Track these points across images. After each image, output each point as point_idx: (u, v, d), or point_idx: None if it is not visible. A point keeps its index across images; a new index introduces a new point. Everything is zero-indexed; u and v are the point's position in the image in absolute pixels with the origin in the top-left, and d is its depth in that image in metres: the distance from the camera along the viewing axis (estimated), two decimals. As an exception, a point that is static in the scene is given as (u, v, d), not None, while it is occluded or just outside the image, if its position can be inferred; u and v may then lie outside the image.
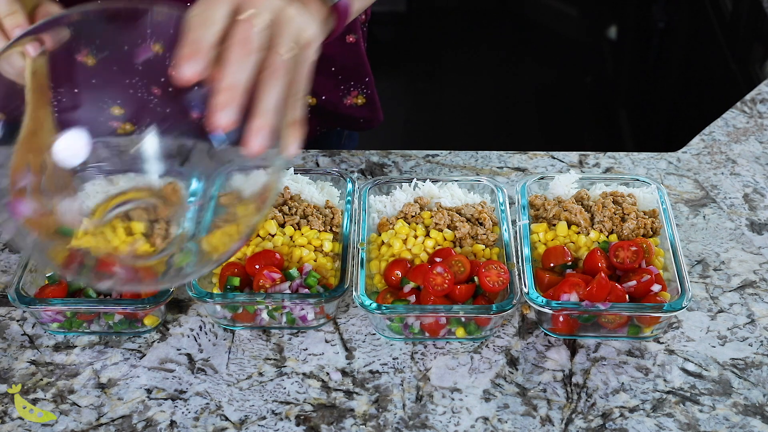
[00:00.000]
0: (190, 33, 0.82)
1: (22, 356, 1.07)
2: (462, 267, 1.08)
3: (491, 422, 0.99)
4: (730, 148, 1.39)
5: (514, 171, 1.34)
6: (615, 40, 3.52)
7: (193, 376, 1.05)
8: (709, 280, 1.16)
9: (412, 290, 1.08)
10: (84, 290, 1.08)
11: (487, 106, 3.48)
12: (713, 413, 1.00)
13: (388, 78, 1.87)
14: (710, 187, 1.31)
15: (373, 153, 1.38)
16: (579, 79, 3.62)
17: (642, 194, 1.20)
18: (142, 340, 1.09)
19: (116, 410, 1.01)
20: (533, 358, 1.06)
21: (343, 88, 1.43)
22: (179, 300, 1.13)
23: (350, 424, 0.99)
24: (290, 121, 0.86)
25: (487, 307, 1.03)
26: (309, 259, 1.12)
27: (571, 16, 3.79)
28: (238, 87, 0.82)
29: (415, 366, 1.06)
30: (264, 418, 1.00)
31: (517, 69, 3.68)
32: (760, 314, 1.11)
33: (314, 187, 1.22)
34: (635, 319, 1.06)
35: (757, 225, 1.24)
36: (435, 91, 3.58)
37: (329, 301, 1.06)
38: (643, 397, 1.01)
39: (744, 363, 1.05)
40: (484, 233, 1.15)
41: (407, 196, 1.20)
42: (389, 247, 1.13)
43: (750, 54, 2.17)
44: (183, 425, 0.99)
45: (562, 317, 1.06)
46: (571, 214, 1.16)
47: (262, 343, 1.08)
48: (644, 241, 1.10)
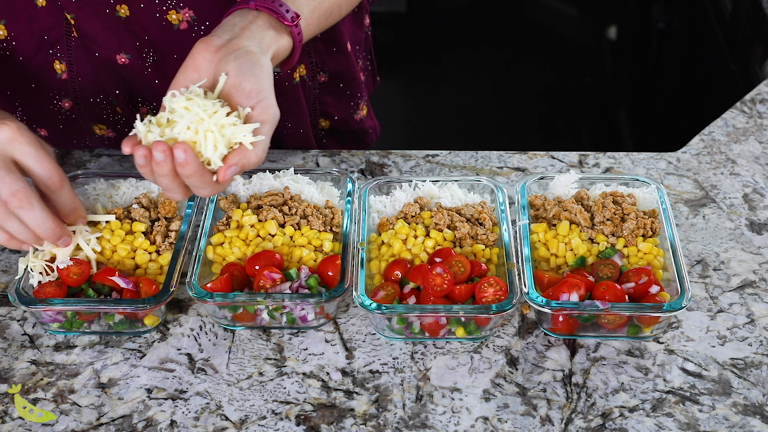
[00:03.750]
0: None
1: (22, 356, 1.07)
2: (462, 267, 1.08)
3: (491, 422, 0.99)
4: (730, 148, 1.39)
5: (514, 171, 1.35)
6: (615, 40, 3.52)
7: (193, 376, 1.05)
8: (709, 280, 1.16)
9: (412, 290, 1.08)
10: (84, 290, 1.09)
11: (487, 106, 3.48)
12: (713, 413, 1.00)
13: (388, 78, 1.87)
14: (710, 187, 1.31)
15: (373, 153, 1.38)
16: (579, 80, 3.62)
17: (642, 194, 1.20)
18: (142, 340, 1.09)
19: (116, 410, 1.01)
20: (533, 358, 1.06)
21: (352, 104, 1.44)
22: (179, 300, 1.13)
23: (350, 424, 0.99)
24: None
25: (487, 307, 1.03)
26: (309, 259, 1.12)
27: (571, 16, 3.79)
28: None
29: (415, 366, 1.06)
30: (264, 417, 1.00)
31: (517, 69, 3.68)
32: (760, 314, 1.11)
33: (314, 187, 1.22)
34: (635, 319, 1.06)
35: (756, 225, 1.24)
36: (435, 92, 3.58)
37: (329, 301, 1.06)
38: (642, 397, 1.01)
39: (744, 363, 1.05)
40: (484, 233, 1.15)
41: (407, 196, 1.21)
42: (389, 247, 1.13)
43: (750, 54, 2.17)
44: (183, 425, 0.99)
45: (562, 317, 1.06)
46: (571, 214, 1.16)
47: (263, 343, 1.08)
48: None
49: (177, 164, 0.96)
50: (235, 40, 1.02)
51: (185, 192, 1.00)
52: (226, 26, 1.05)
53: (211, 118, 0.97)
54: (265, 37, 1.04)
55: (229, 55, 1.00)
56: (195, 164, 0.96)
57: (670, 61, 2.84)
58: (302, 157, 1.37)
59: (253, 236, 1.14)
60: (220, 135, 0.97)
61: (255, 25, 1.05)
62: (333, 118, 1.44)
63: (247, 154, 0.98)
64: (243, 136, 0.97)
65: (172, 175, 0.97)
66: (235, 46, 1.01)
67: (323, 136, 1.46)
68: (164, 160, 0.95)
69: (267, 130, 0.99)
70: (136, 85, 1.27)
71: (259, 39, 1.04)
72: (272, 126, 1.00)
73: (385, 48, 2.97)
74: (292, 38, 1.08)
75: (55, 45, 1.25)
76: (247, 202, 1.20)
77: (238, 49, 1.01)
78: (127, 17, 1.21)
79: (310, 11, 1.12)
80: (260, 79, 1.00)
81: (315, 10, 1.13)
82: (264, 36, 1.04)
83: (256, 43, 1.03)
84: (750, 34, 2.19)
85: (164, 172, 0.97)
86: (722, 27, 2.36)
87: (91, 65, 1.27)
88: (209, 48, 1.01)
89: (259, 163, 1.00)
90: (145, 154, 0.96)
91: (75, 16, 1.21)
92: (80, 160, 1.36)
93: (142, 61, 1.25)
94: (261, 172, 1.23)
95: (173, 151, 0.95)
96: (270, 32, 1.05)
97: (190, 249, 1.14)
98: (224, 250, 1.14)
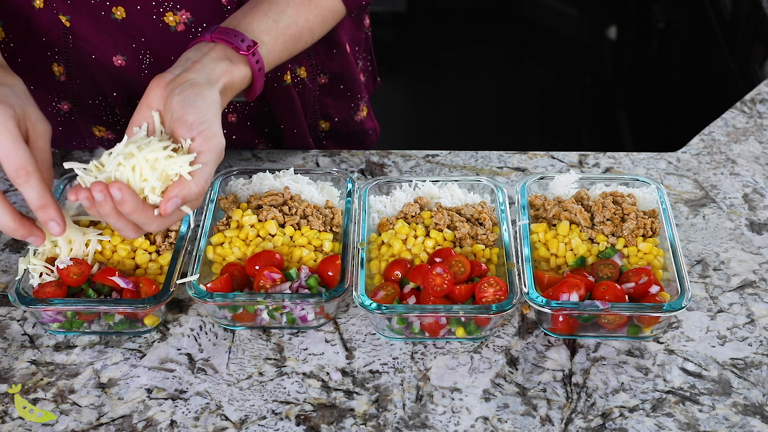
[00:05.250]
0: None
1: (22, 356, 1.07)
2: (462, 267, 1.08)
3: (491, 422, 0.99)
4: (730, 148, 1.39)
5: (514, 171, 1.35)
6: (615, 40, 3.52)
7: (193, 376, 1.05)
8: (709, 280, 1.16)
9: (412, 290, 1.08)
10: (84, 290, 1.09)
11: (487, 106, 3.48)
12: (713, 413, 1.00)
13: (388, 78, 1.87)
14: (710, 187, 1.31)
15: (373, 153, 1.38)
16: (579, 80, 3.62)
17: (642, 194, 1.20)
18: (142, 340, 1.09)
19: (116, 410, 1.01)
20: (533, 358, 1.06)
21: (353, 106, 1.44)
22: (179, 300, 1.13)
23: (350, 424, 0.99)
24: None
25: (487, 307, 1.03)
26: (309, 259, 1.12)
27: (571, 16, 3.79)
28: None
29: (415, 366, 1.06)
30: (264, 417, 1.00)
31: (517, 69, 3.68)
32: (760, 314, 1.11)
33: (314, 187, 1.22)
34: (635, 318, 1.06)
35: (756, 225, 1.24)
36: (435, 92, 3.58)
37: (329, 301, 1.06)
38: (642, 397, 1.01)
39: (744, 363, 1.05)
40: (484, 233, 1.15)
41: (407, 196, 1.21)
42: (389, 247, 1.13)
43: (750, 54, 2.17)
44: (183, 425, 0.99)
45: (562, 317, 1.06)
46: (571, 214, 1.16)
47: (263, 343, 1.08)
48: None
49: (116, 203, 0.97)
50: (184, 74, 1.04)
51: (136, 230, 1.01)
52: (180, 61, 1.07)
53: (140, 152, 0.98)
54: (216, 69, 1.06)
55: (174, 90, 1.02)
56: (133, 201, 0.97)
57: (670, 61, 2.84)
58: (302, 157, 1.37)
59: (253, 236, 1.14)
60: (149, 168, 0.98)
61: (207, 58, 1.07)
62: (333, 119, 1.44)
63: (187, 185, 0.98)
64: (180, 167, 0.98)
65: (116, 214, 0.99)
66: (182, 80, 1.03)
67: (323, 137, 1.46)
68: (104, 199, 0.97)
69: (207, 158, 1.00)
70: (134, 87, 1.27)
71: (209, 71, 1.05)
72: (215, 154, 1.01)
73: (385, 48, 2.97)
74: (250, 67, 1.10)
75: (53, 47, 1.25)
76: (247, 202, 1.20)
77: (184, 83, 1.02)
78: (123, 19, 1.21)
79: (272, 38, 1.13)
80: (202, 111, 1.01)
81: (279, 36, 1.15)
82: (215, 68, 1.06)
83: (205, 75, 1.05)
84: (750, 34, 2.19)
85: (107, 212, 0.98)
86: (722, 27, 2.36)
87: (88, 67, 1.27)
88: (159, 85, 1.03)
89: (201, 194, 1.00)
90: (87, 196, 0.97)
91: (70, 18, 1.21)
92: (80, 160, 1.36)
93: (138, 63, 1.25)
94: (261, 172, 1.23)
95: (109, 190, 0.96)
96: (223, 63, 1.07)
97: (190, 249, 1.14)
98: (224, 250, 1.14)
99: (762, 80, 1.59)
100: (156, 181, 0.98)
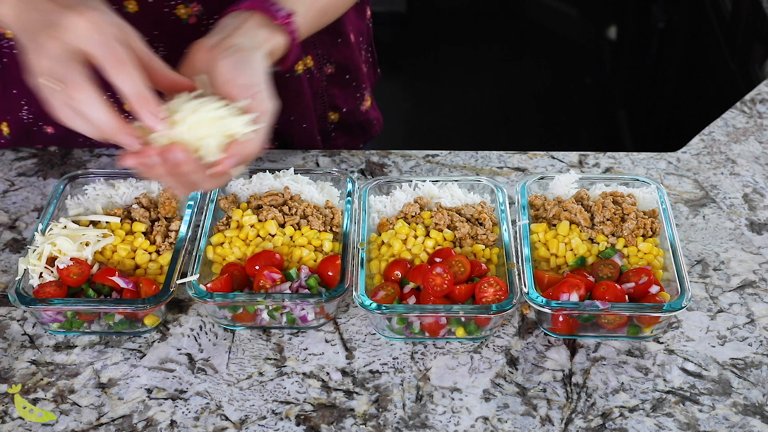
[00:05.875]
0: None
1: (22, 356, 1.07)
2: (462, 267, 1.08)
3: (491, 422, 0.99)
4: (730, 148, 1.39)
5: (514, 171, 1.35)
6: (615, 40, 3.52)
7: (193, 376, 1.05)
8: (709, 280, 1.16)
9: (412, 290, 1.08)
10: (84, 290, 1.09)
11: (487, 106, 3.48)
12: (713, 413, 1.00)
13: (388, 78, 1.87)
14: (710, 187, 1.31)
15: (373, 153, 1.38)
16: (579, 79, 3.62)
17: (642, 194, 1.20)
18: (142, 340, 1.09)
19: (116, 410, 1.01)
20: (533, 358, 1.06)
21: (358, 96, 1.45)
22: (179, 300, 1.13)
23: (350, 424, 0.99)
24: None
25: (487, 307, 1.03)
26: (309, 259, 1.12)
27: (571, 16, 3.79)
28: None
29: (415, 366, 1.06)
30: (264, 417, 1.00)
31: (517, 69, 3.68)
32: (760, 314, 1.11)
33: (314, 187, 1.22)
34: (635, 319, 1.06)
35: (756, 225, 1.24)
36: (435, 91, 3.58)
37: (329, 301, 1.06)
38: (642, 397, 1.01)
39: (744, 363, 1.05)
40: (484, 233, 1.15)
41: (407, 196, 1.21)
42: (389, 247, 1.13)
43: (750, 54, 2.17)
44: (183, 425, 0.99)
45: (562, 317, 1.06)
46: (571, 214, 1.16)
47: (262, 343, 1.08)
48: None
49: (176, 165, 0.97)
50: (227, 39, 1.04)
51: (190, 187, 1.02)
52: (219, 28, 1.07)
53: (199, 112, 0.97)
54: (257, 35, 1.06)
55: (221, 54, 1.02)
56: (193, 163, 0.98)
57: (670, 61, 2.84)
58: (302, 157, 1.37)
59: (253, 236, 1.14)
60: (214, 127, 0.98)
61: (247, 25, 1.06)
62: (341, 110, 1.45)
63: (247, 144, 0.99)
64: (241, 126, 0.98)
65: (171, 175, 0.99)
66: (227, 44, 1.03)
67: (332, 129, 1.46)
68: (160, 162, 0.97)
69: (264, 119, 1.01)
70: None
71: (251, 37, 1.05)
72: (269, 117, 1.01)
73: (385, 47, 2.97)
74: (286, 36, 1.09)
75: None
76: (247, 202, 1.20)
77: (230, 47, 1.02)
78: (135, 12, 1.21)
79: (305, 9, 1.13)
80: (254, 74, 1.01)
81: (310, 8, 1.15)
82: (256, 34, 1.06)
83: (249, 40, 1.04)
84: (750, 34, 2.19)
85: (161, 173, 0.98)
86: (722, 27, 2.36)
87: None
88: (201, 49, 1.03)
89: (257, 155, 1.01)
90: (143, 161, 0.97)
91: None
92: (80, 160, 1.36)
93: None
94: (261, 172, 1.23)
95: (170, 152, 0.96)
96: (263, 31, 1.07)
97: (190, 249, 1.14)
98: (224, 250, 1.14)
99: (762, 80, 1.59)
100: (216, 139, 0.98)
